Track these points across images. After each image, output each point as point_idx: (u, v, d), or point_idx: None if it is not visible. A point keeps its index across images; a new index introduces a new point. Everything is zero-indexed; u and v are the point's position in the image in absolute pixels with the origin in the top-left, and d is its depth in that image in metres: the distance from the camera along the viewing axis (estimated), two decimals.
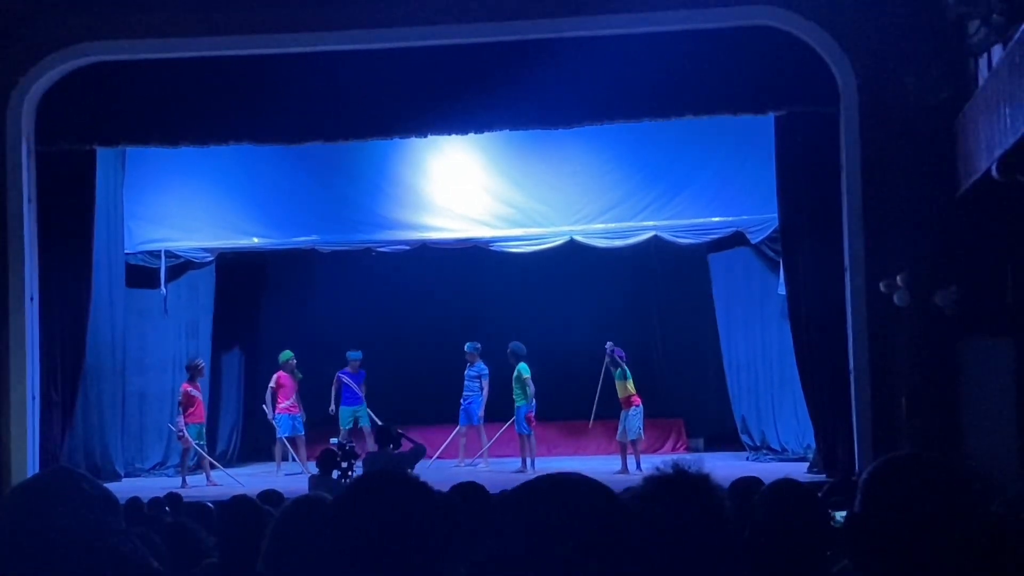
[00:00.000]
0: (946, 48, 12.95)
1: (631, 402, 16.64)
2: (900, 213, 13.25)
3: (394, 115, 14.82)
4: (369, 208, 17.70)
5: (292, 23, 14.03)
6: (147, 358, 18.28)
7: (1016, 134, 9.60)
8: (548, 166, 17.30)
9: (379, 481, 2.66)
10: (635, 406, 16.62)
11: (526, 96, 14.26)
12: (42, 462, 14.19)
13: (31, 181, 14.58)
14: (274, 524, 4.11)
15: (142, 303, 18.14)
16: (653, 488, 2.74)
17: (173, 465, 18.08)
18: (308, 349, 18.73)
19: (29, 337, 14.39)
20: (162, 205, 17.77)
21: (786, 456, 16.95)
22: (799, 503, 4.10)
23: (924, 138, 13.10)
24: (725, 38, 13.91)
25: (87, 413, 16.57)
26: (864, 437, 13.22)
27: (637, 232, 17.48)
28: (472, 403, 17.59)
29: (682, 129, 16.11)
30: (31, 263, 14.50)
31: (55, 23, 14.25)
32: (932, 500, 2.59)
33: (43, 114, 14.66)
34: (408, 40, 14.14)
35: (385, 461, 12.59)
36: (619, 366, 16.70)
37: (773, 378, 17.46)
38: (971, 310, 12.85)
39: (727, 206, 17.02)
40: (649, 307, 20.32)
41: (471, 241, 17.85)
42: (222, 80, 14.72)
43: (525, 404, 16.83)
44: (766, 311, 17.42)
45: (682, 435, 19.26)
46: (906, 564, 2.55)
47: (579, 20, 13.77)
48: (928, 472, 2.67)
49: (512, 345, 17.12)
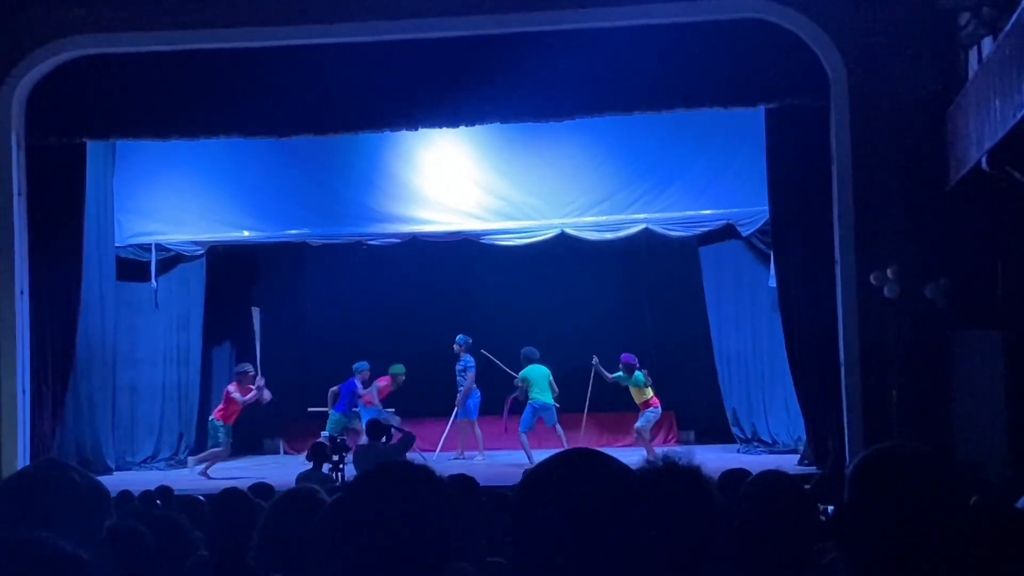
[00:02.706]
0: (936, 41, 12.97)
1: (648, 404, 16.85)
2: (890, 206, 13.27)
3: (384, 108, 14.80)
4: (360, 201, 17.69)
5: (282, 16, 14.00)
6: (138, 351, 18.27)
7: (1006, 126, 9.62)
8: (539, 159, 17.29)
9: (387, 470, 2.66)
10: (652, 407, 16.85)
11: (517, 89, 14.25)
12: (32, 455, 14.16)
13: (21, 175, 14.55)
14: (264, 517, 4.11)
15: (133, 296, 18.12)
16: (644, 480, 2.74)
17: (164, 458, 18.09)
18: (299, 342, 18.72)
19: (19, 331, 14.35)
20: (152, 198, 17.74)
21: (777, 448, 17.01)
22: (785, 494, 4.11)
23: (914, 131, 13.12)
24: (716, 31, 13.91)
25: (78, 407, 16.53)
26: (854, 429, 13.24)
27: (628, 225, 17.48)
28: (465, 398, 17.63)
29: (673, 122, 16.08)
30: (21, 257, 14.47)
31: (44, 16, 14.21)
32: (920, 491, 2.60)
33: (33, 108, 14.62)
34: (398, 33, 14.11)
35: (376, 454, 12.61)
36: (631, 372, 16.84)
37: (764, 371, 17.50)
38: (961, 302, 12.88)
39: (718, 199, 17.03)
40: (640, 300, 20.32)
41: (462, 234, 17.84)
42: (213, 73, 14.68)
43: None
44: (757, 304, 17.45)
45: (673, 428, 19.28)
46: (895, 554, 2.56)
47: (570, 13, 13.75)
48: (916, 463, 2.68)
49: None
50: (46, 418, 14.87)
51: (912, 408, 12.92)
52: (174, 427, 18.48)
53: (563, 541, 2.21)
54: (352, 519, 2.51)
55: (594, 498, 2.24)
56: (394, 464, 2.73)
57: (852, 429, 13.30)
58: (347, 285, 19.29)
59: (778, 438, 17.20)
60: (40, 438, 14.60)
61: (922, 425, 12.54)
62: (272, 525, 4.03)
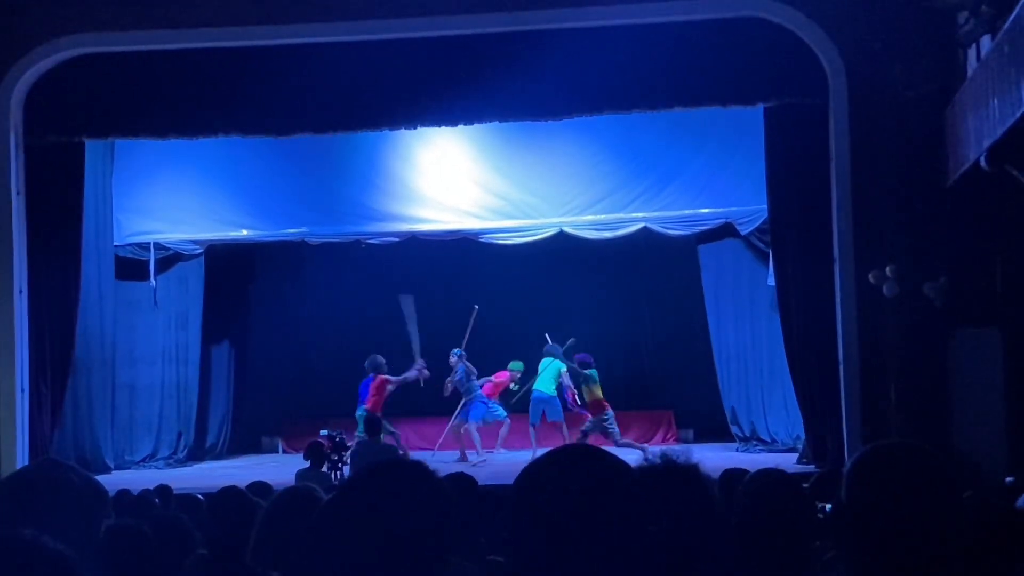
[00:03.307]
0: (935, 39, 12.96)
1: (602, 407, 16.32)
2: (889, 204, 13.27)
3: (383, 107, 14.79)
4: (358, 200, 17.68)
5: (281, 14, 14.00)
6: (136, 350, 18.27)
7: (1005, 125, 9.62)
8: (537, 157, 17.29)
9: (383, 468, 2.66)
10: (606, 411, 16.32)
11: (515, 87, 14.23)
12: (31, 455, 14.16)
13: (19, 173, 14.54)
14: (263, 515, 4.11)
15: (131, 295, 18.10)
16: (642, 477, 2.74)
17: (163, 457, 18.09)
18: (297, 341, 18.72)
19: (18, 330, 14.35)
20: (151, 197, 17.72)
21: (776, 447, 17.00)
22: (784, 492, 4.11)
23: (913, 129, 13.12)
24: (715, 29, 13.91)
25: (76, 406, 16.52)
26: (853, 427, 13.24)
27: (627, 223, 17.46)
28: (468, 403, 17.62)
29: (671, 120, 16.09)
30: (20, 255, 14.47)
31: (42, 15, 14.21)
32: (917, 488, 2.60)
33: (31, 106, 14.62)
34: (396, 31, 14.11)
35: (376, 452, 12.63)
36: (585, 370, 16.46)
37: (763, 369, 17.49)
38: (960, 301, 12.89)
39: (716, 197, 17.01)
40: (639, 298, 20.33)
41: (460, 233, 17.83)
42: (211, 72, 14.67)
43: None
44: (756, 302, 17.44)
45: (672, 426, 19.28)
46: (892, 553, 2.56)
47: (568, 11, 13.75)
48: (913, 461, 2.68)
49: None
50: (45, 417, 14.86)
51: (911, 406, 12.92)
52: (173, 426, 18.45)
53: (561, 538, 2.20)
54: (348, 517, 2.51)
55: (592, 495, 2.23)
56: (389, 462, 2.73)
57: (851, 427, 13.30)
58: (346, 284, 19.27)
59: (777, 437, 17.20)
60: (39, 437, 14.58)
61: (921, 423, 12.55)
62: (270, 524, 4.03)
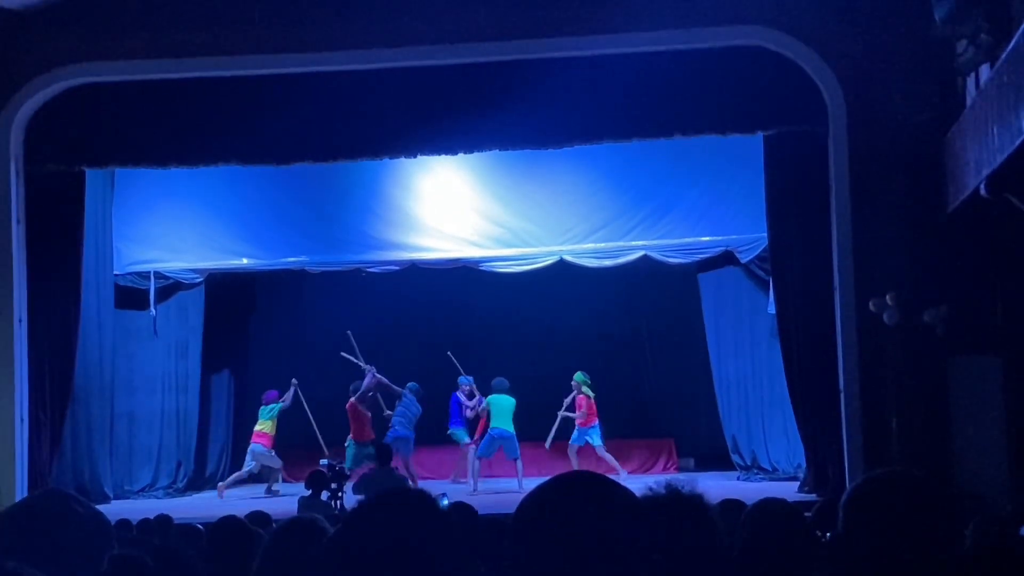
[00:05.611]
0: (934, 67, 12.99)
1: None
2: (889, 232, 13.27)
3: (383, 135, 14.83)
4: (358, 228, 17.71)
5: (281, 44, 14.05)
6: (136, 379, 18.25)
7: (1004, 153, 9.63)
8: (537, 186, 17.32)
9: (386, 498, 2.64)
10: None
11: (515, 116, 14.25)
12: (30, 484, 14.13)
13: (20, 202, 14.56)
14: (265, 546, 4.09)
15: (131, 324, 18.10)
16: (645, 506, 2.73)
17: (162, 487, 18.04)
18: (298, 370, 18.69)
19: (17, 358, 14.34)
20: (151, 226, 17.75)
21: (777, 475, 16.94)
22: (783, 522, 4.11)
23: (912, 157, 13.13)
24: (714, 58, 13.95)
25: (76, 435, 16.49)
26: (854, 456, 13.21)
27: (626, 252, 17.47)
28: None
29: (671, 149, 16.10)
30: (20, 284, 14.47)
31: (44, 44, 14.25)
32: (913, 518, 2.59)
33: (32, 135, 14.65)
34: (397, 60, 14.14)
35: (384, 480, 12.64)
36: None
37: (763, 397, 17.45)
38: (960, 328, 12.87)
39: (716, 225, 17.03)
40: (639, 326, 20.33)
41: (461, 261, 17.85)
42: (211, 101, 14.71)
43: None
44: (756, 330, 17.42)
45: (672, 455, 19.24)
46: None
47: (568, 40, 13.78)
48: (909, 491, 2.67)
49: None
50: (44, 446, 14.81)
51: (912, 435, 12.90)
52: (172, 455, 18.42)
53: (564, 567, 2.19)
54: (352, 549, 2.49)
55: (595, 523, 2.22)
56: (393, 491, 2.71)
57: (852, 456, 13.26)
58: (346, 312, 19.25)
59: (778, 465, 17.15)
60: (38, 466, 14.55)
61: (922, 451, 12.52)
62: (273, 554, 4.01)
